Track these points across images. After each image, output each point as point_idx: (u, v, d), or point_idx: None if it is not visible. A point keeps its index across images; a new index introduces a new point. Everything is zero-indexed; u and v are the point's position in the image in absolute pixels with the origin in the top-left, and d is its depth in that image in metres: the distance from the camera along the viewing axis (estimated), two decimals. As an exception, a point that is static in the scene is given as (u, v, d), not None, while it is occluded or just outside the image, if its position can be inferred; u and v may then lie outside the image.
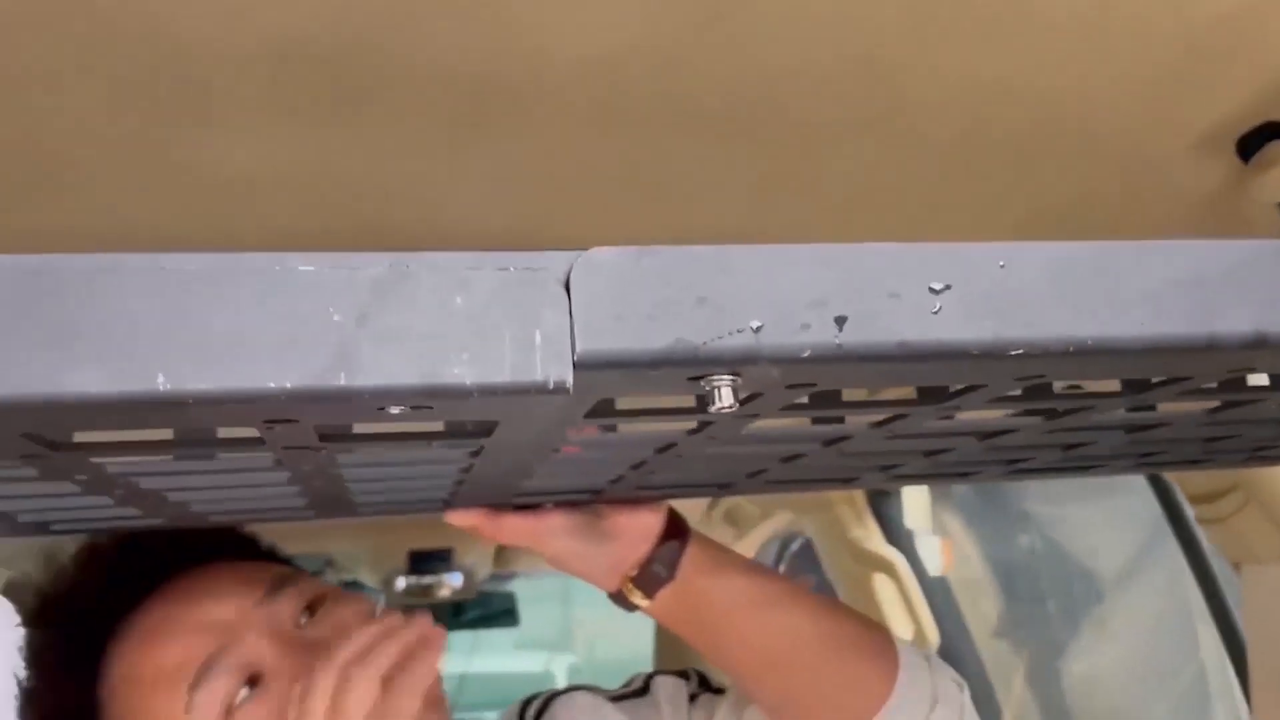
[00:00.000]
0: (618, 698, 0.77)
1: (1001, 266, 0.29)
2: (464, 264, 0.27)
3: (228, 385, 0.25)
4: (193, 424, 0.27)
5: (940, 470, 0.59)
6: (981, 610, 1.78)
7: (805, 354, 0.28)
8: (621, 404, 0.36)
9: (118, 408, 0.25)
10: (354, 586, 2.16)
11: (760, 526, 2.00)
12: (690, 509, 1.88)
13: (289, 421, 0.28)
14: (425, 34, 0.50)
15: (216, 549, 0.69)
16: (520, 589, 3.36)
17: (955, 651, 1.67)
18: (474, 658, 4.23)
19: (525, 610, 3.52)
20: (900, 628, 1.61)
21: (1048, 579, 1.91)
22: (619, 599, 0.64)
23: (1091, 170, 0.66)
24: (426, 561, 2.18)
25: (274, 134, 0.60)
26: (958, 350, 0.28)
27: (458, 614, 3.14)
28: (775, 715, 0.67)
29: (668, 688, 0.76)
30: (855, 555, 1.66)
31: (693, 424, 0.39)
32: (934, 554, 1.75)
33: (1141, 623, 1.80)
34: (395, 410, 0.27)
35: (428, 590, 2.23)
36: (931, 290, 0.28)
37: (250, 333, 0.25)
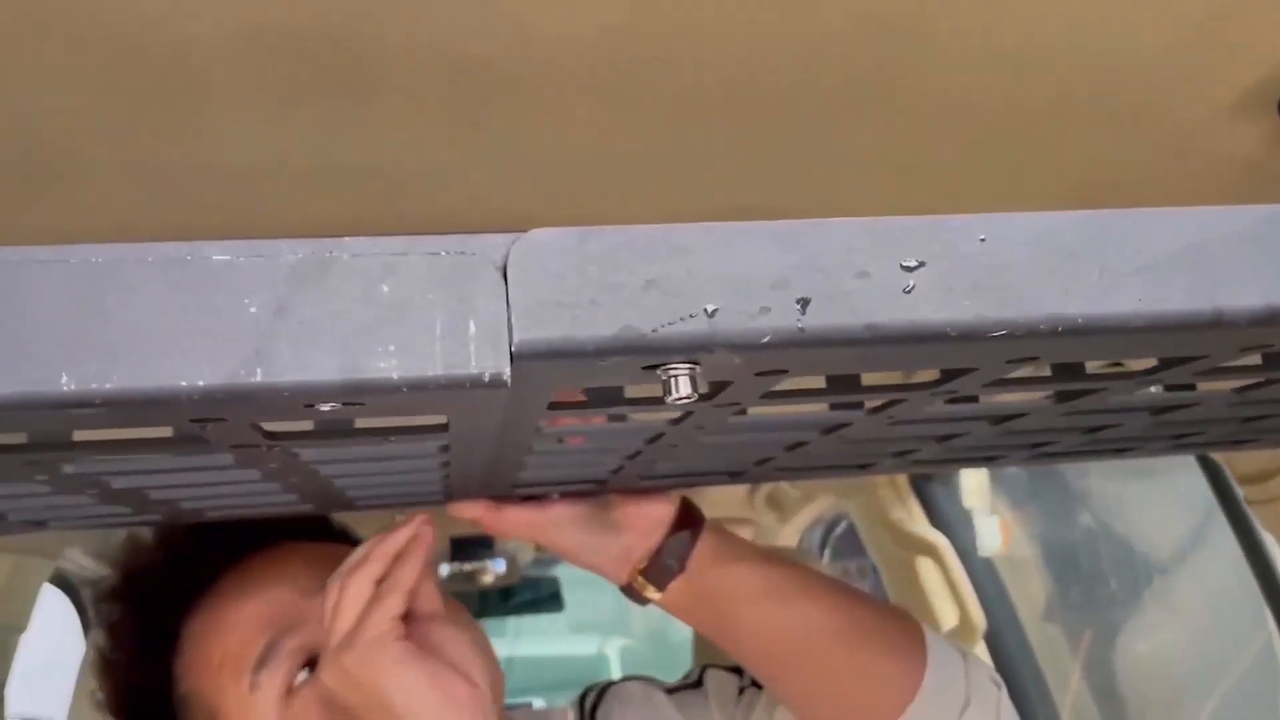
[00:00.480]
0: (673, 689, 0.76)
1: (982, 240, 0.26)
2: (390, 249, 0.25)
3: (136, 385, 0.23)
4: (113, 425, 0.26)
5: (959, 455, 0.56)
6: (1029, 592, 1.74)
7: (765, 339, 0.25)
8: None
9: (20, 410, 0.23)
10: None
11: (804, 510, 1.98)
12: (732, 493, 1.86)
13: (218, 420, 0.27)
14: (422, 18, 0.49)
15: (288, 531, 0.70)
16: (567, 574, 3.36)
17: (1002, 635, 1.63)
18: (526, 641, 4.24)
19: (579, 593, 3.51)
20: (945, 611, 1.57)
21: (1098, 559, 1.86)
22: (630, 592, 0.62)
23: (1123, 137, 0.62)
24: (469, 548, 2.18)
25: (272, 124, 0.59)
26: (933, 332, 0.26)
27: (506, 599, 3.15)
28: (797, 712, 0.65)
29: (718, 681, 0.75)
30: (897, 538, 1.63)
31: (674, 414, 0.37)
32: (992, 533, 1.71)
33: (1198, 603, 1.75)
34: (325, 407, 0.26)
35: (471, 576, 2.24)
36: (904, 268, 0.26)
37: (161, 328, 0.24)
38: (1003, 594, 1.66)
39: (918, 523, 1.63)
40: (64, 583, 2.14)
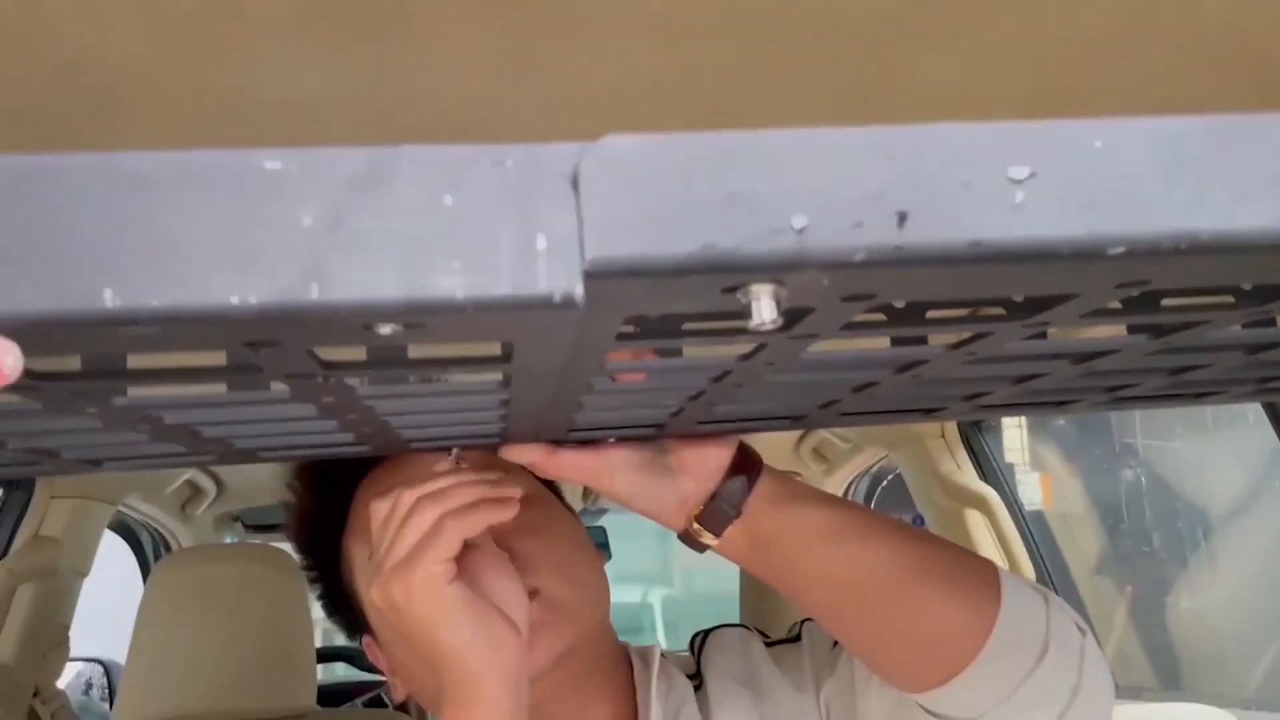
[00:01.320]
0: (773, 643, 0.77)
1: (1098, 147, 0.24)
2: (454, 158, 0.23)
3: (185, 302, 0.22)
4: (161, 348, 0.24)
5: (1033, 399, 0.54)
6: (1081, 547, 1.71)
7: (859, 257, 0.23)
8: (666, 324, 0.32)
9: (61, 329, 0.22)
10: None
11: (850, 462, 1.96)
12: (779, 444, 1.85)
13: (271, 344, 0.25)
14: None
15: None
16: (614, 524, 3.37)
17: (1053, 590, 1.61)
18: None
19: (622, 543, 3.53)
20: (995, 565, 1.55)
21: (1152, 514, 1.83)
22: (687, 538, 0.61)
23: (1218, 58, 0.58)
24: (515, 498, 2.18)
25: (316, 55, 0.57)
26: (1044, 250, 0.24)
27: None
28: (864, 660, 0.63)
29: (813, 634, 0.75)
30: (946, 490, 1.60)
31: (746, 347, 0.35)
32: (1033, 489, 1.69)
33: (1254, 560, 1.72)
34: (385, 330, 0.24)
35: (516, 526, 2.24)
36: (1012, 179, 0.24)
37: (209, 241, 0.22)
38: (1053, 548, 1.63)
39: (967, 475, 1.61)
40: (123, 528, 2.18)
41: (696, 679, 0.74)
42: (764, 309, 0.24)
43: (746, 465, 0.60)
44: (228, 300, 0.22)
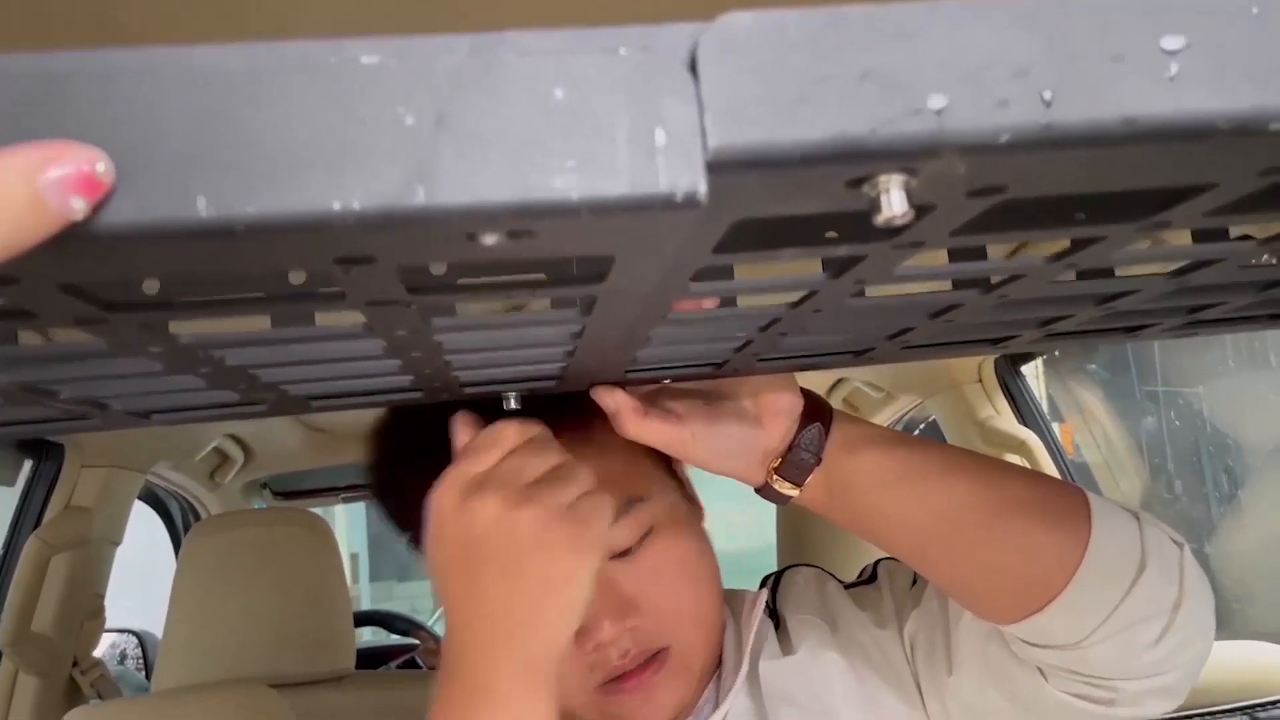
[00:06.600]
0: (850, 586, 0.75)
1: (1255, 14, 0.22)
2: (562, 45, 0.21)
3: (283, 209, 0.20)
4: (252, 265, 0.23)
5: (1110, 324, 0.52)
6: (1123, 490, 1.70)
7: (1003, 139, 0.21)
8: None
9: (152, 241, 0.20)
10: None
11: (882, 411, 1.94)
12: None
13: (365, 261, 0.23)
14: None
15: None
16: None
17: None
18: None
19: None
20: (1035, 509, 1.53)
21: (1194, 456, 1.81)
22: (767, 492, 0.59)
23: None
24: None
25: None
26: (1200, 125, 0.22)
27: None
28: (955, 595, 0.62)
29: (891, 570, 0.74)
30: (985, 436, 1.59)
31: (841, 255, 0.33)
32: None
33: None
34: (489, 240, 0.22)
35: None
36: (1164, 51, 0.22)
37: (305, 143, 0.20)
38: (1095, 493, 1.61)
39: (1006, 420, 1.59)
40: (152, 498, 2.19)
41: (775, 618, 0.74)
42: (894, 201, 0.23)
43: (817, 412, 0.58)
44: (329, 206, 0.20)
